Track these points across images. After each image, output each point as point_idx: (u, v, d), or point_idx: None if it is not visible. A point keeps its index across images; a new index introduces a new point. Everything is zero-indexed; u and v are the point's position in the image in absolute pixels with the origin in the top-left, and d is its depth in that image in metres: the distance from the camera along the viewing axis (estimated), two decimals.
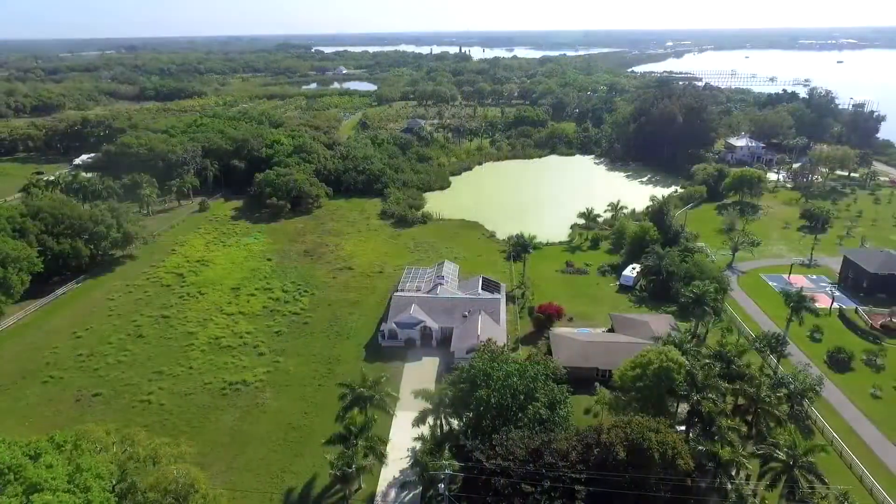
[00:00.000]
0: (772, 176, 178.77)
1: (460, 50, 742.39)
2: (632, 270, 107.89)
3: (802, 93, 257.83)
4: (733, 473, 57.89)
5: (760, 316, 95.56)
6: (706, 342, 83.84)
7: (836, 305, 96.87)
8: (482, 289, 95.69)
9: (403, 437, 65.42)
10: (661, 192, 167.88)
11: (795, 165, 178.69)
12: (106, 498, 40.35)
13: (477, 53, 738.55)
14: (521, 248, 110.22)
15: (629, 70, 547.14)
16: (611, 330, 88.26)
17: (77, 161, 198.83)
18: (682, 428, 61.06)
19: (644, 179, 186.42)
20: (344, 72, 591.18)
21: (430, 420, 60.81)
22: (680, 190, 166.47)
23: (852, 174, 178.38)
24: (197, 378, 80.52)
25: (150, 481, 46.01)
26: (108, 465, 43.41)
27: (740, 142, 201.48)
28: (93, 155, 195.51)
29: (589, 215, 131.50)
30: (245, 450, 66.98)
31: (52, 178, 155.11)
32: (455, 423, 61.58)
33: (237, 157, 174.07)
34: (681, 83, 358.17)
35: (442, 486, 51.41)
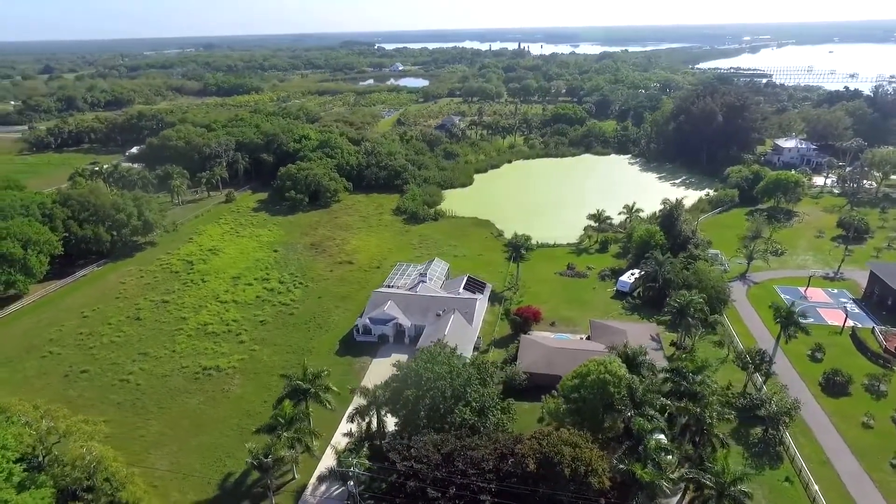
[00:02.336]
0: (818, 180, 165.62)
1: (519, 46, 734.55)
2: (630, 276, 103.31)
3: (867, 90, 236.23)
4: (679, 499, 54.75)
5: (761, 331, 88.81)
6: (692, 355, 79.01)
7: (850, 323, 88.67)
8: (464, 288, 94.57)
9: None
10: (694, 194, 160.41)
11: (848, 169, 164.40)
12: (8, 468, 43.20)
13: (535, 50, 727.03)
14: (515, 248, 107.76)
15: (693, 66, 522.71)
16: (590, 337, 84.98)
17: (129, 153, 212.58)
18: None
19: (678, 181, 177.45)
20: (400, 68, 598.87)
21: (366, 417, 60.84)
22: (712, 193, 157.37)
23: None
24: (177, 361, 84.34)
25: (70, 456, 48.71)
26: (20, 438, 46.39)
27: (789, 143, 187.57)
28: (142, 147, 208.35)
29: (599, 217, 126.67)
30: (200, 433, 69.57)
31: (97, 168, 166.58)
32: (393, 421, 61.44)
33: (266, 151, 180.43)
34: (742, 80, 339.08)
35: (351, 483, 51.36)
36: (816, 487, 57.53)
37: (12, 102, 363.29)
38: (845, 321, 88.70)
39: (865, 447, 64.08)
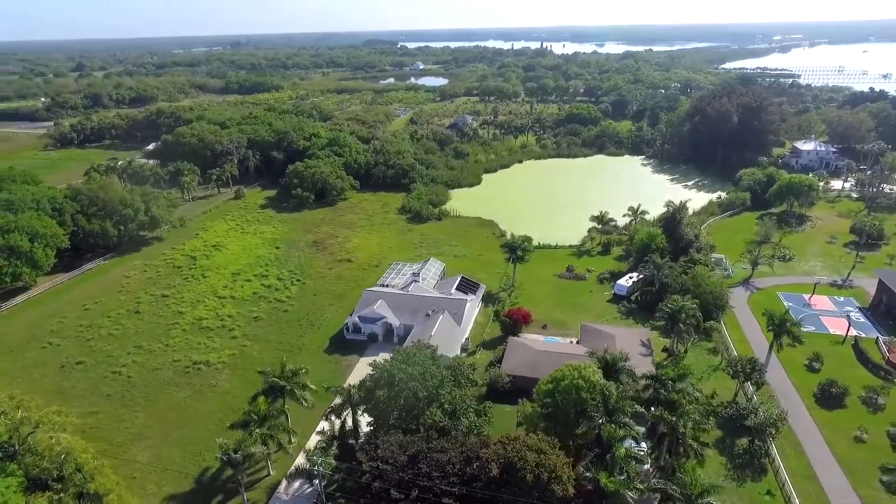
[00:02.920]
0: (836, 184, 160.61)
1: (541, 45, 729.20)
2: (628, 280, 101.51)
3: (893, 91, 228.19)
4: None
5: (759, 338, 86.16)
6: (677, 362, 77.38)
7: (853, 332, 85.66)
8: (457, 289, 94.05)
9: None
10: (706, 197, 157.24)
11: (868, 173, 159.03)
12: None
13: (558, 49, 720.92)
14: (511, 249, 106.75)
15: (718, 66, 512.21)
16: (580, 341, 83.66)
17: (146, 149, 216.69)
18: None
19: (690, 184, 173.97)
20: (421, 67, 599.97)
21: (341, 416, 60.90)
22: (724, 196, 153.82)
23: None
24: (169, 355, 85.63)
25: (43, 445, 49.76)
26: None
27: (807, 145, 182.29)
28: (158, 143, 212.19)
29: (602, 219, 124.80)
30: (183, 426, 70.49)
31: (112, 164, 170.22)
32: (369, 420, 61.35)
33: (277, 149, 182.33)
34: (767, 80, 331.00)
35: (317, 481, 51.42)
36: (798, 502, 55.71)
37: (42, 99, 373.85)
38: (848, 330, 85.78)
39: (855, 462, 61.79)
